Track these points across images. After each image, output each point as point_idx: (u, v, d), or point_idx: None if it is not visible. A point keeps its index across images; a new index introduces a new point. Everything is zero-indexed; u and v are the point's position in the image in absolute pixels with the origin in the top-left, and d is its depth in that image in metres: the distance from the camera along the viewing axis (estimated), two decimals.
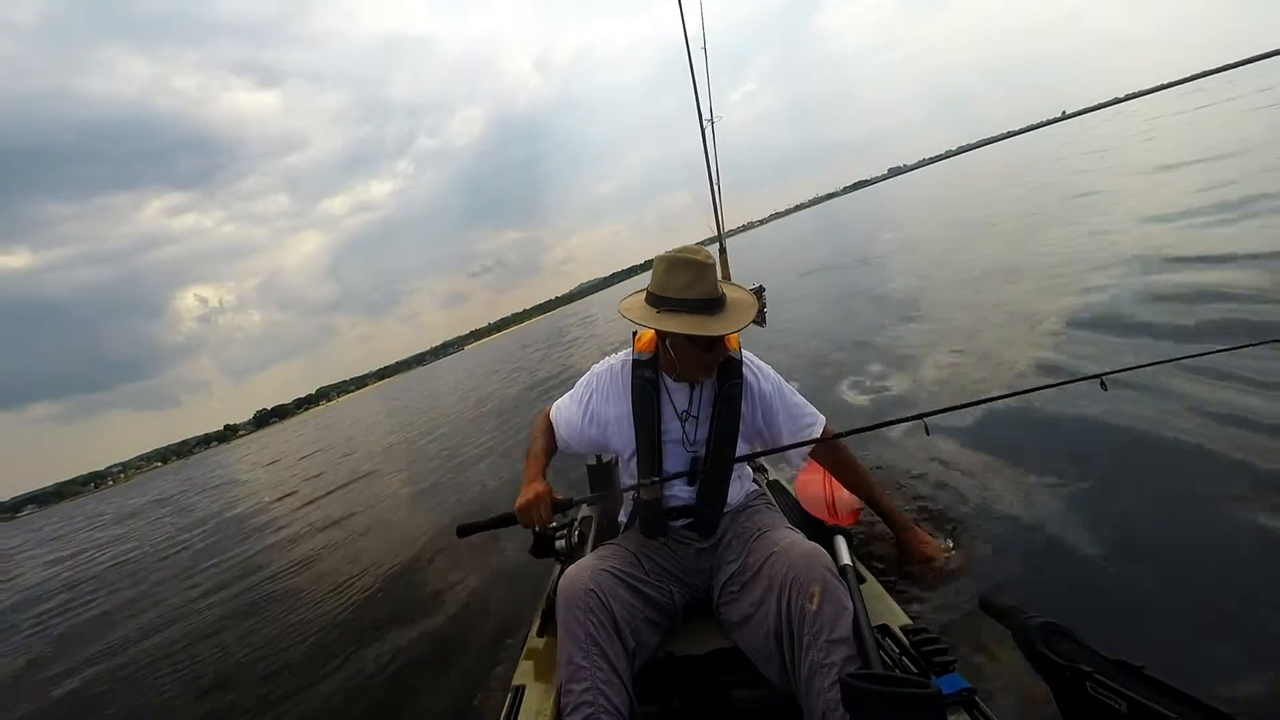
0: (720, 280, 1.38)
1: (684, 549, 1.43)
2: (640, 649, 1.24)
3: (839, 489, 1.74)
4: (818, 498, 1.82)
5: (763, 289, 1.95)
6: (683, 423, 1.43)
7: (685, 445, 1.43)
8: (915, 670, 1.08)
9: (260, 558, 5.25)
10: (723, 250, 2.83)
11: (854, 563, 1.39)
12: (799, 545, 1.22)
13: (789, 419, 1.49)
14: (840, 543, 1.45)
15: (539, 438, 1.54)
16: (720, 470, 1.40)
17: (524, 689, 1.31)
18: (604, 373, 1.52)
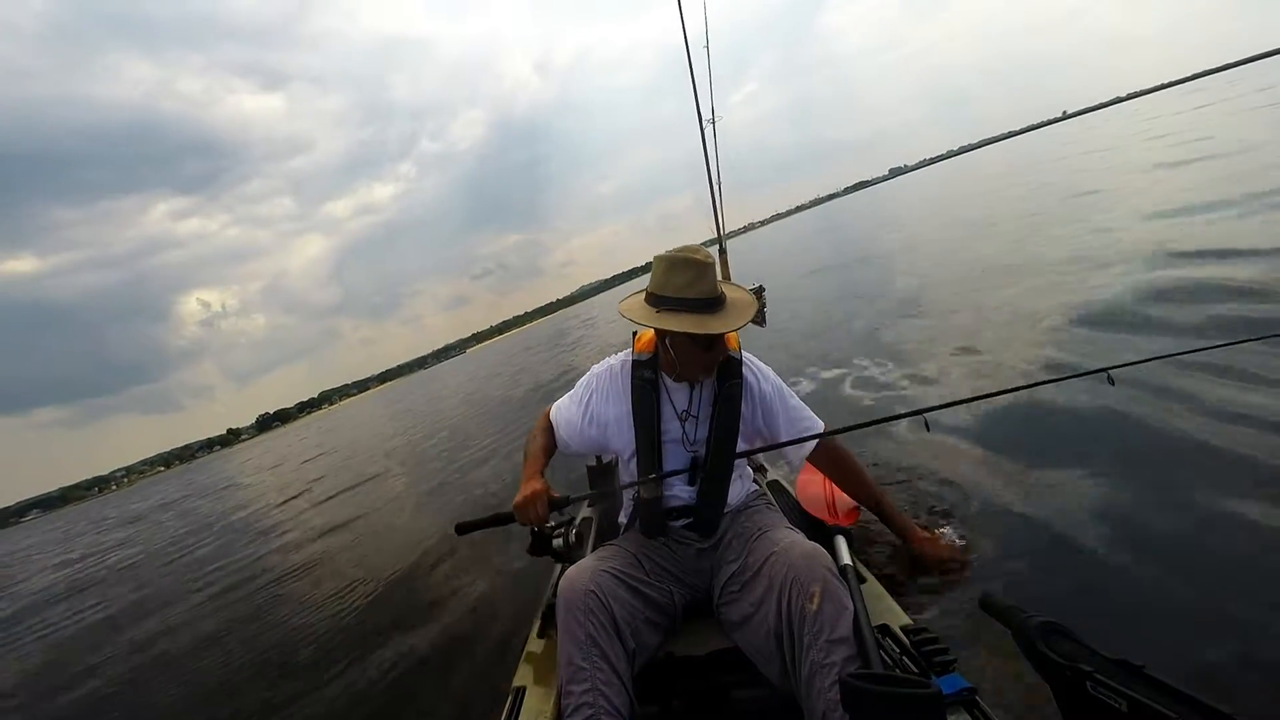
0: (720, 280, 1.38)
1: (684, 549, 1.43)
2: (640, 650, 1.24)
3: (839, 489, 1.74)
4: (818, 497, 1.82)
5: (762, 289, 1.95)
6: (682, 423, 1.43)
7: (685, 445, 1.43)
8: (915, 670, 1.08)
9: (263, 561, 5.25)
10: (723, 251, 2.83)
11: (854, 562, 1.39)
12: (799, 545, 1.22)
13: (788, 420, 1.50)
14: (840, 543, 1.45)
15: (538, 437, 1.55)
16: (720, 470, 1.40)
17: (524, 690, 1.31)
18: (604, 373, 1.52)
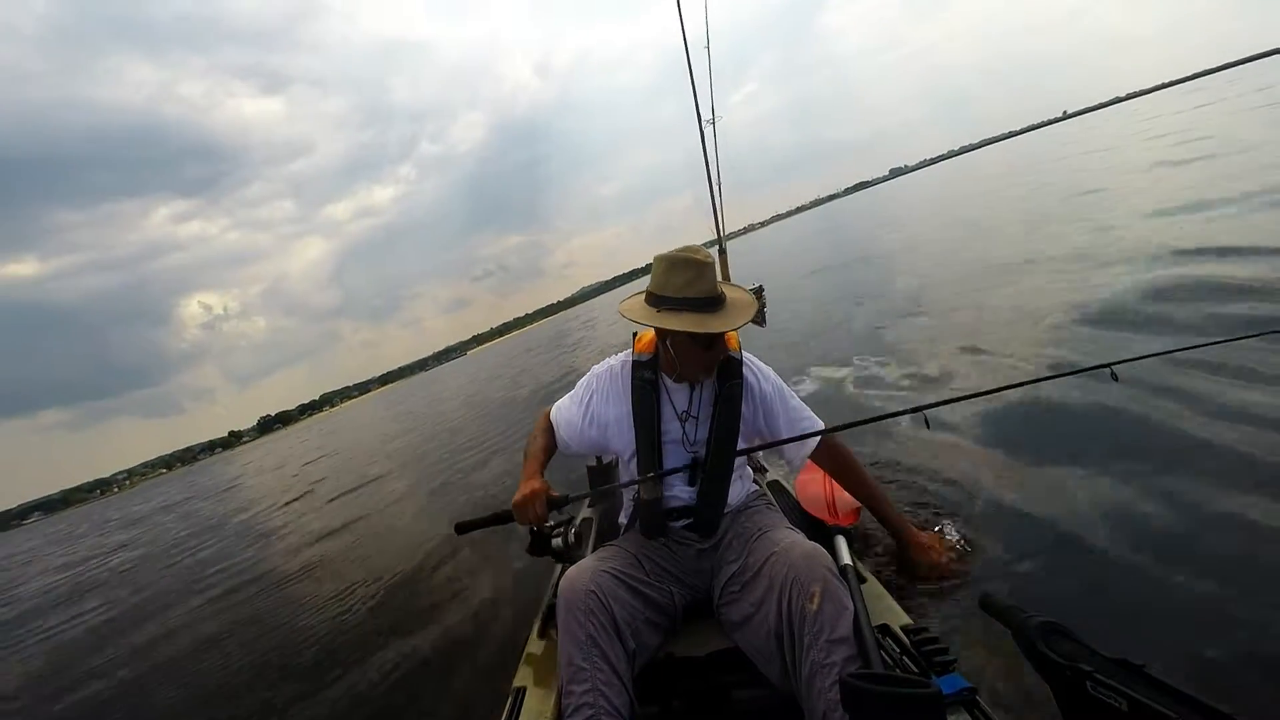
0: (719, 280, 1.38)
1: (684, 550, 1.43)
2: (641, 650, 1.24)
3: (839, 489, 1.74)
4: (818, 498, 1.81)
5: (761, 289, 1.95)
6: (683, 423, 1.43)
7: (685, 445, 1.43)
8: (916, 670, 1.08)
9: (264, 563, 5.26)
10: (723, 251, 2.83)
11: (854, 563, 1.39)
12: (799, 545, 1.22)
13: (789, 420, 1.50)
14: (841, 543, 1.45)
15: (538, 437, 1.55)
16: (720, 470, 1.40)
17: (525, 691, 1.31)
18: (604, 373, 1.52)
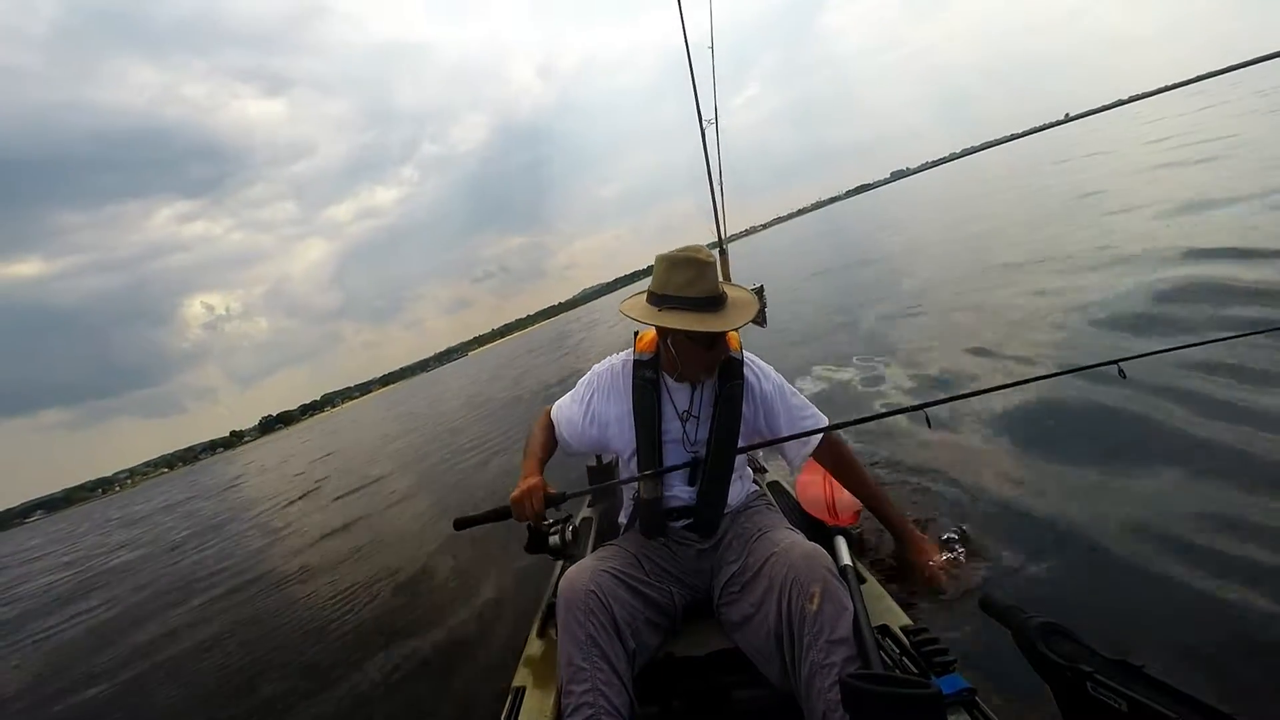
0: (721, 280, 1.38)
1: (684, 550, 1.43)
2: (641, 650, 1.24)
3: (839, 489, 1.74)
4: (818, 498, 1.81)
5: (762, 289, 1.95)
6: (683, 422, 1.43)
7: (686, 445, 1.43)
8: (915, 670, 1.08)
9: (265, 563, 5.26)
10: (723, 253, 2.84)
11: (854, 563, 1.39)
12: (799, 546, 1.22)
13: (790, 420, 1.49)
14: (840, 543, 1.45)
15: (538, 435, 1.55)
16: (721, 470, 1.40)
17: (524, 690, 1.31)
18: (605, 372, 1.52)
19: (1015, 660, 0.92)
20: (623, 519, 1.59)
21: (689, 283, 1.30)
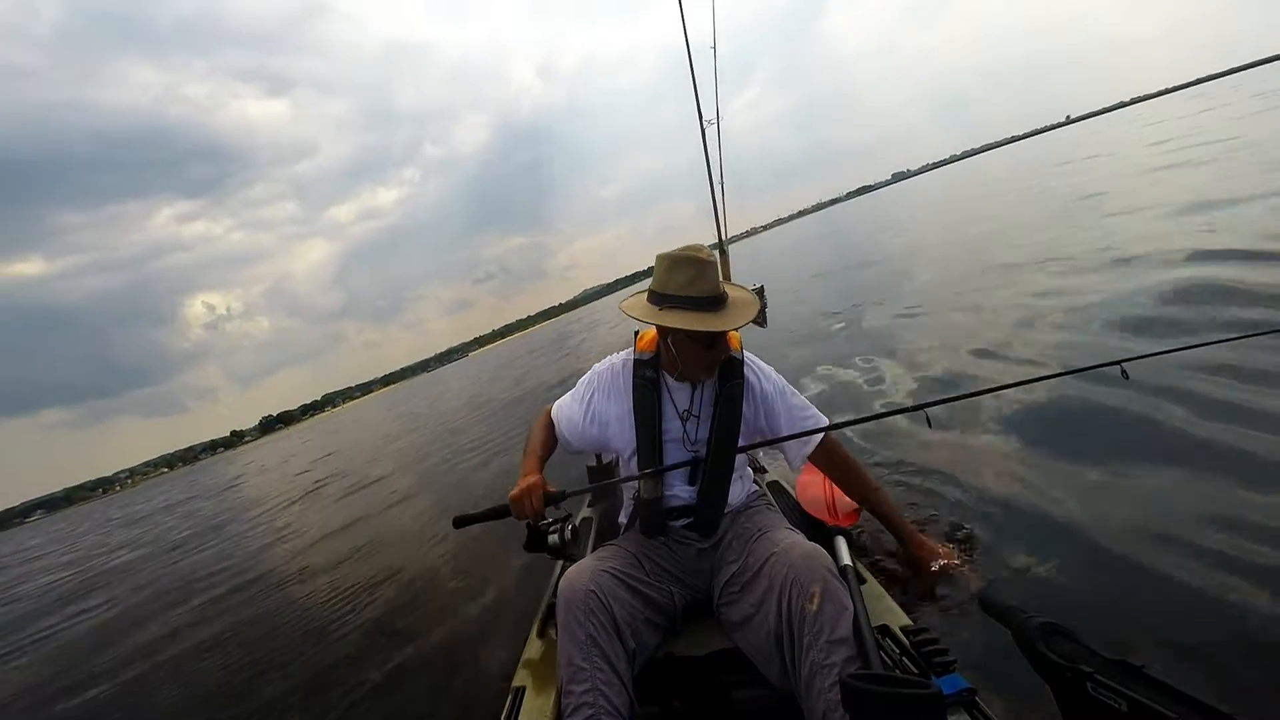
0: (721, 279, 1.39)
1: (684, 549, 1.43)
2: (641, 650, 1.24)
3: (839, 490, 1.74)
4: (818, 499, 1.82)
5: (763, 289, 1.95)
6: (684, 422, 1.43)
7: (686, 444, 1.43)
8: (915, 670, 1.08)
9: (265, 563, 5.26)
10: (724, 254, 2.84)
11: (854, 563, 1.39)
12: (799, 546, 1.22)
13: (790, 420, 1.50)
14: (840, 543, 1.45)
15: (538, 433, 1.55)
16: (721, 470, 1.40)
17: (524, 690, 1.31)
18: (605, 371, 1.53)
19: (1015, 660, 0.92)
20: (623, 519, 1.59)
21: (690, 282, 1.31)
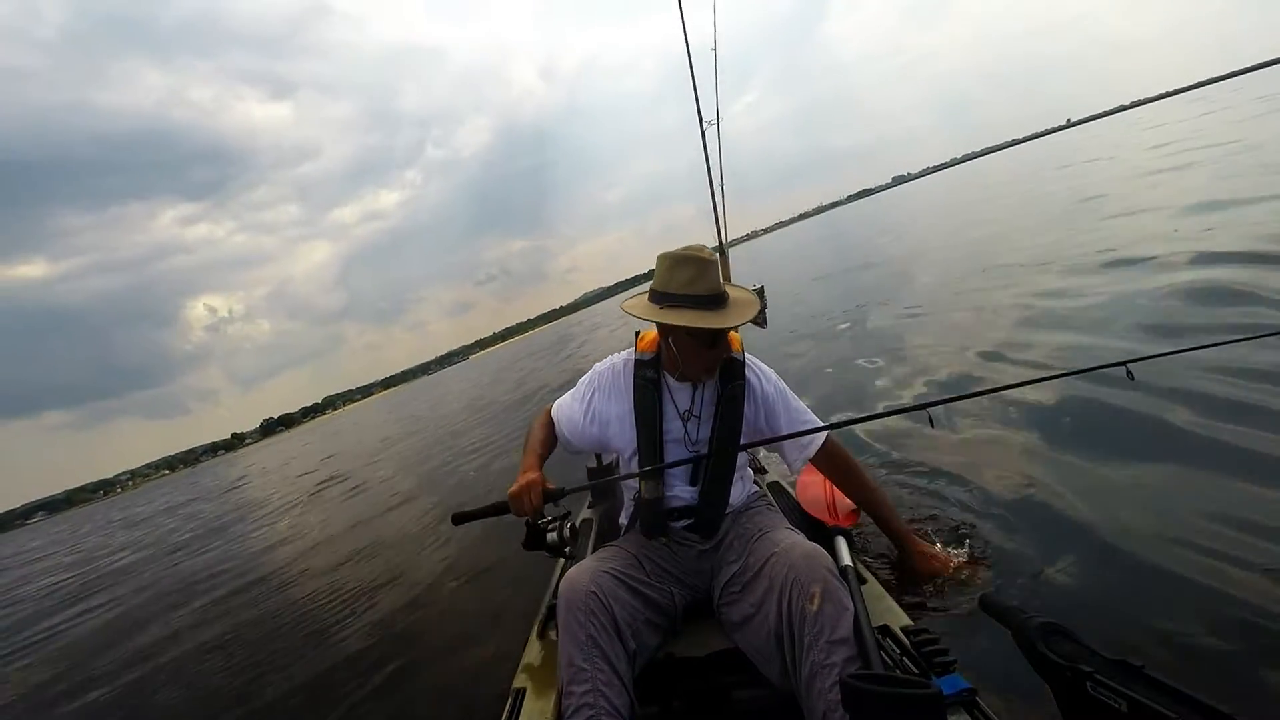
0: (722, 279, 1.39)
1: (685, 550, 1.43)
2: (641, 650, 1.24)
3: (839, 491, 1.74)
4: (818, 499, 1.81)
5: (763, 289, 1.96)
6: (684, 422, 1.43)
7: (687, 444, 1.43)
8: (916, 670, 1.08)
9: (266, 565, 5.27)
10: (724, 255, 2.84)
11: (855, 563, 1.39)
12: (800, 546, 1.22)
13: (790, 422, 1.50)
14: (841, 543, 1.45)
15: (537, 431, 1.55)
16: (722, 470, 1.41)
17: (524, 691, 1.31)
18: (606, 371, 1.53)
19: (1015, 660, 0.92)
20: (623, 520, 1.59)
21: (691, 281, 1.31)
